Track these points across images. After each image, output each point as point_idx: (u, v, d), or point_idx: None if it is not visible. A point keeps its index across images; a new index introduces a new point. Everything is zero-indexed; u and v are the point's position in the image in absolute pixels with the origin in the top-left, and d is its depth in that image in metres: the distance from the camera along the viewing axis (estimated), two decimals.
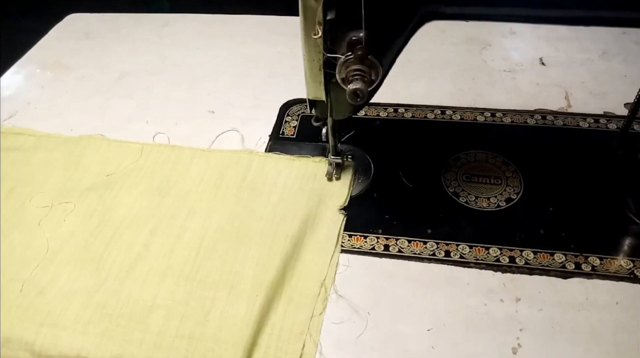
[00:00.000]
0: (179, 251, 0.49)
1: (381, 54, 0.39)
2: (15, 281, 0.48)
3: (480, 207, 0.50)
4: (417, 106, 0.62)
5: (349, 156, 0.55)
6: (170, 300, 0.45)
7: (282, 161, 0.56)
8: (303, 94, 0.46)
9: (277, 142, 0.59)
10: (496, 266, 0.45)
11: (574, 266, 0.45)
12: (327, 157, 0.54)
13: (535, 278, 0.44)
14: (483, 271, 0.45)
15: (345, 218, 0.50)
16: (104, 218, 0.52)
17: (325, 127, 0.50)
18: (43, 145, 0.61)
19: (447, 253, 0.46)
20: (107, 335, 0.43)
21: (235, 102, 0.65)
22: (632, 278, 0.44)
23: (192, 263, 0.48)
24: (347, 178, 0.53)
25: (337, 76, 0.40)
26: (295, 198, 0.52)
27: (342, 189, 0.52)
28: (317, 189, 0.53)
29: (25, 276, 0.48)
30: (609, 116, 0.58)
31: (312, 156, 0.56)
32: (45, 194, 0.55)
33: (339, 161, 0.52)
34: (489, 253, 0.46)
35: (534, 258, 0.45)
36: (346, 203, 0.51)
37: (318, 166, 0.54)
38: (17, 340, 0.44)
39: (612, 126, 0.57)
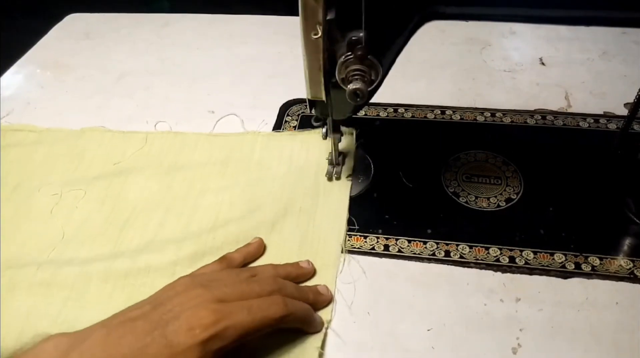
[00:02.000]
0: (195, 225, 0.50)
1: (381, 54, 0.39)
2: (32, 265, 0.48)
3: (480, 207, 0.50)
4: (417, 106, 0.62)
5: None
6: (190, 267, 0.46)
7: (285, 137, 0.58)
8: (303, 94, 0.46)
9: None
10: (496, 266, 0.45)
11: (573, 266, 0.45)
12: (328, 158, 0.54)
13: (535, 278, 0.44)
14: (483, 271, 0.45)
15: (352, 184, 0.52)
16: (116, 202, 0.53)
17: (326, 127, 0.50)
18: (44, 140, 0.61)
19: (447, 253, 0.46)
20: (131, 303, 0.43)
21: (235, 102, 0.65)
22: (632, 278, 0.44)
23: (207, 233, 0.49)
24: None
25: (337, 76, 0.40)
26: (303, 169, 0.54)
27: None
28: (323, 158, 0.55)
29: (43, 259, 0.48)
30: (609, 116, 0.58)
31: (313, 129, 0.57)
32: (54, 184, 0.55)
33: (339, 135, 0.51)
34: (489, 253, 0.46)
35: (534, 258, 0.45)
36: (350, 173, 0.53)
37: (319, 136, 0.55)
38: (42, 315, 0.44)
39: (612, 126, 0.57)
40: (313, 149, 0.56)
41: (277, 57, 0.72)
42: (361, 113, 0.60)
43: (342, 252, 0.47)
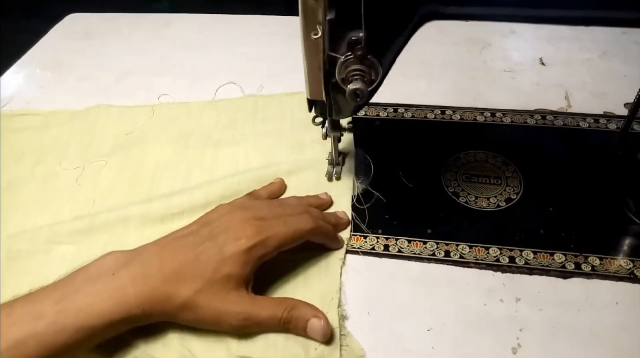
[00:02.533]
0: (218, 172, 0.54)
1: (381, 54, 0.39)
2: (69, 221, 0.50)
3: (480, 207, 0.50)
4: (417, 106, 0.62)
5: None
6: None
7: (283, 97, 0.63)
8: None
9: None
10: (496, 266, 0.45)
11: (573, 266, 0.45)
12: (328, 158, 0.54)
13: (535, 278, 0.44)
14: (483, 271, 0.45)
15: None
16: (138, 168, 0.56)
17: (326, 127, 0.50)
18: (52, 122, 0.63)
19: (447, 253, 0.46)
20: None
21: None
22: (632, 278, 0.44)
23: (232, 177, 0.53)
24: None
25: (337, 76, 0.40)
26: (305, 124, 0.55)
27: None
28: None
29: (80, 225, 0.50)
30: (609, 116, 0.58)
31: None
32: (73, 159, 0.58)
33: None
34: (488, 253, 0.46)
35: (534, 258, 0.45)
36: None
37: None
38: (85, 259, 0.44)
39: (612, 126, 0.57)
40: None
41: (277, 57, 0.72)
42: (361, 113, 0.60)
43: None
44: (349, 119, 0.55)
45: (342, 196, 0.52)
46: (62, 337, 0.35)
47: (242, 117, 0.61)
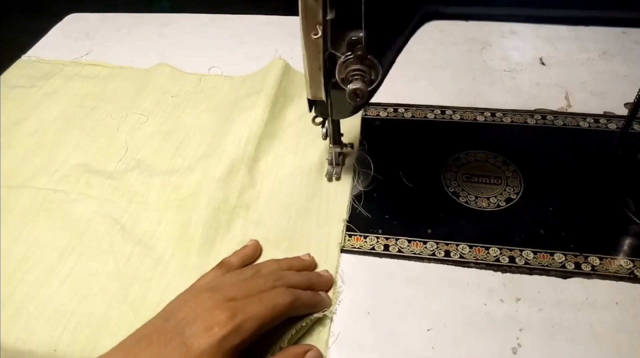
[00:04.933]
0: (231, 144, 0.56)
1: (381, 54, 0.39)
2: (103, 173, 0.57)
3: (480, 207, 0.50)
4: (417, 106, 0.62)
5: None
6: (234, 180, 0.53)
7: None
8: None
9: None
10: (496, 266, 0.45)
11: (573, 266, 0.45)
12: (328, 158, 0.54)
13: (535, 278, 0.44)
14: (483, 271, 0.45)
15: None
16: (174, 126, 0.62)
17: (326, 127, 0.50)
18: (117, 74, 0.71)
19: (447, 253, 0.46)
20: (184, 207, 0.52)
21: None
22: (632, 278, 0.44)
23: (244, 148, 0.56)
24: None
25: (337, 76, 0.40)
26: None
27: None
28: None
29: (112, 168, 0.57)
30: (609, 116, 0.58)
31: None
32: (122, 109, 0.65)
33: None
34: (488, 253, 0.46)
35: (534, 258, 0.45)
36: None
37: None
38: (112, 206, 0.53)
39: (612, 126, 0.57)
40: None
41: (277, 57, 0.72)
42: (361, 113, 0.60)
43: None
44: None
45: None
46: None
47: (273, 85, 0.64)
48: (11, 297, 0.46)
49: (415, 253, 0.47)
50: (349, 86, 0.39)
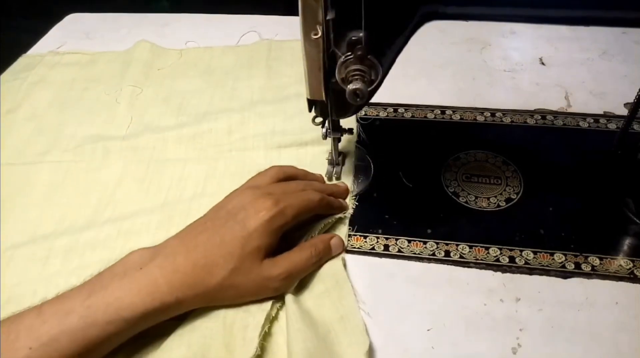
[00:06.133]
0: (235, 103, 0.64)
1: (381, 54, 0.39)
2: (117, 138, 0.60)
3: (480, 207, 0.50)
4: (417, 106, 0.62)
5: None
6: (238, 132, 0.60)
7: (293, 42, 0.73)
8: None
9: None
10: (496, 266, 0.45)
11: (573, 266, 0.45)
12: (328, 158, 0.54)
13: (535, 278, 0.44)
14: (483, 271, 0.45)
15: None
16: (170, 93, 0.66)
17: (326, 127, 0.50)
18: (98, 59, 0.74)
19: (447, 253, 0.46)
20: (204, 153, 0.58)
21: None
22: (632, 278, 0.44)
23: (249, 102, 0.64)
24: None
25: (337, 76, 0.40)
26: None
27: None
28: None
29: (122, 134, 0.61)
30: (609, 116, 0.58)
31: None
32: (114, 86, 0.68)
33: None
34: (488, 253, 0.46)
35: (534, 258, 0.45)
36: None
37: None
38: (135, 168, 0.56)
39: (612, 126, 0.57)
40: None
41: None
42: (361, 113, 0.60)
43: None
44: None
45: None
46: (94, 331, 0.35)
47: (257, 57, 0.71)
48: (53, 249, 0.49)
49: (415, 253, 0.47)
50: (349, 86, 0.39)
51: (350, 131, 0.52)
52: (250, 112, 0.62)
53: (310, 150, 0.57)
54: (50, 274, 0.47)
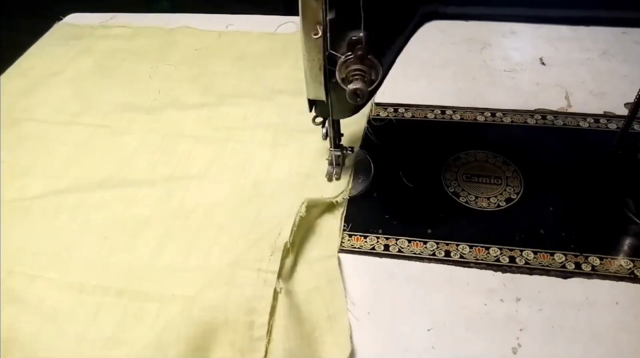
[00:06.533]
0: (257, 90, 0.67)
1: (381, 54, 0.39)
2: (141, 110, 0.64)
3: (480, 207, 0.50)
4: (417, 106, 0.62)
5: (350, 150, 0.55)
6: (259, 115, 0.63)
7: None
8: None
9: None
10: (496, 266, 0.45)
11: (574, 266, 0.45)
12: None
13: (535, 278, 0.44)
14: (483, 271, 0.45)
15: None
16: (200, 72, 0.70)
17: (326, 127, 0.50)
18: (140, 33, 0.80)
19: (447, 253, 0.46)
20: (217, 134, 0.61)
21: None
22: (632, 278, 0.44)
23: (270, 90, 0.66)
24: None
25: (337, 76, 0.40)
26: None
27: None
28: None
29: (147, 105, 0.65)
30: (609, 116, 0.58)
31: None
32: (151, 61, 0.73)
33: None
34: (489, 253, 0.46)
35: (534, 258, 0.45)
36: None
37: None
38: (153, 142, 0.60)
39: (612, 126, 0.57)
40: None
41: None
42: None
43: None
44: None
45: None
46: None
47: (289, 47, 0.73)
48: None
49: (415, 253, 0.47)
50: (349, 86, 0.39)
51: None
52: (268, 102, 0.64)
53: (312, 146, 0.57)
54: (56, 229, 0.51)
